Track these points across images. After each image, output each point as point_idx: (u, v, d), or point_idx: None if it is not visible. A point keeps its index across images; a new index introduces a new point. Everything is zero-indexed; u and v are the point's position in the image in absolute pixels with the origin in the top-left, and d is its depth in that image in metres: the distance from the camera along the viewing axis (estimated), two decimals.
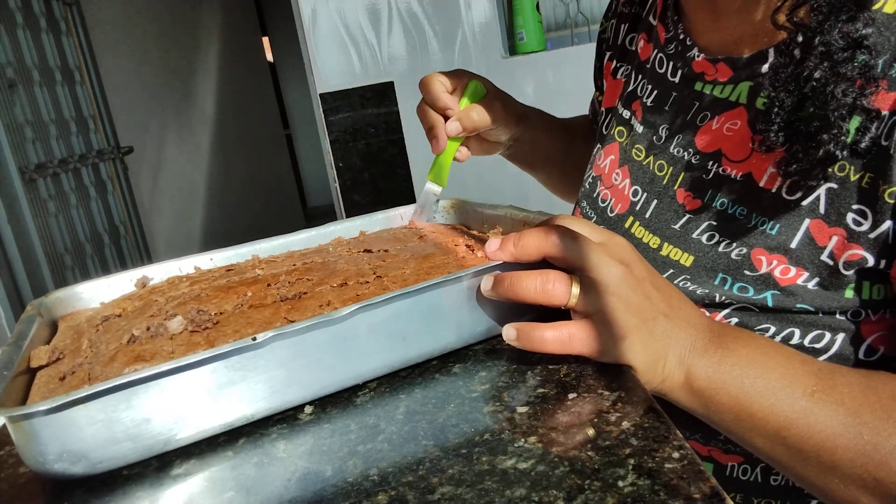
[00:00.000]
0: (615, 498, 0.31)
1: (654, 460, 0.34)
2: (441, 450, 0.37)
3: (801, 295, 0.47)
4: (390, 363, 0.45)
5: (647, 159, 0.60)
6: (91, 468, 0.38)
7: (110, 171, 3.11)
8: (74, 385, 0.42)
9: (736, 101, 0.52)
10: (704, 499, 0.31)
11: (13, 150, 2.36)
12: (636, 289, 0.42)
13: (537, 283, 0.43)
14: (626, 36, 0.69)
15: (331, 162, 2.06)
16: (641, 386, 0.42)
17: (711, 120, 0.54)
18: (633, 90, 0.64)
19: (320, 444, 0.39)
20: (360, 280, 0.50)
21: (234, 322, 0.45)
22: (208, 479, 0.38)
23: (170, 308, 0.48)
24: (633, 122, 0.63)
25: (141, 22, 3.58)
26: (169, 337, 0.44)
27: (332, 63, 1.97)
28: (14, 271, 2.34)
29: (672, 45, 0.60)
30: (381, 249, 0.58)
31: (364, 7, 1.93)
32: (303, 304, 0.47)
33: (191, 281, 0.56)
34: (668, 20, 0.61)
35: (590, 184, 0.68)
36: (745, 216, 0.50)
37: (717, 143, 0.53)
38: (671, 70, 0.59)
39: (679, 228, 0.55)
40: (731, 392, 0.42)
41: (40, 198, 2.52)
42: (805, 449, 0.41)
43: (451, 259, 0.53)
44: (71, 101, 2.83)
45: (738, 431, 0.43)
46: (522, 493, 0.32)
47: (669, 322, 0.43)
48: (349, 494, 0.34)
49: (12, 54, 2.47)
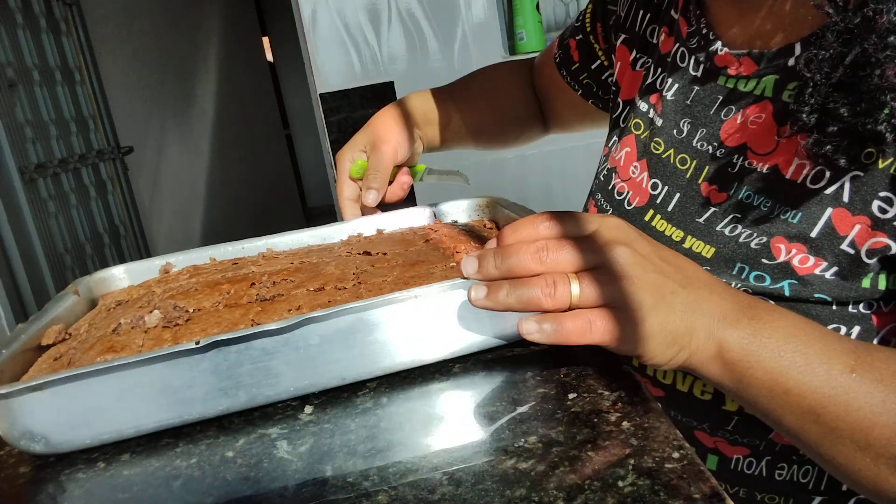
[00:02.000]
0: (615, 498, 0.31)
1: (654, 460, 0.34)
2: (441, 450, 0.37)
3: (818, 285, 0.47)
4: (344, 375, 0.44)
5: (668, 153, 0.60)
6: (51, 448, 0.41)
7: (110, 171, 3.11)
8: (57, 368, 0.45)
9: (761, 95, 0.52)
10: (704, 499, 0.31)
11: (13, 150, 2.35)
12: (644, 266, 0.40)
13: (542, 288, 0.40)
14: (647, 26, 0.67)
15: (331, 162, 2.06)
16: (642, 386, 0.42)
17: (736, 114, 0.54)
18: (653, 83, 0.64)
19: (320, 444, 0.39)
20: (337, 285, 0.51)
21: (205, 320, 0.47)
22: (208, 478, 0.38)
23: (160, 300, 0.52)
24: (651, 115, 0.63)
25: (141, 22, 3.58)
26: (144, 330, 0.47)
27: (332, 63, 1.97)
28: (14, 271, 2.34)
29: (694, 40, 0.59)
30: (381, 252, 0.59)
31: (364, 7, 1.93)
32: (273, 306, 0.48)
33: (193, 273, 0.59)
34: (691, 14, 0.60)
35: (604, 176, 0.67)
36: (769, 207, 0.49)
37: (742, 136, 0.53)
38: (693, 64, 0.59)
39: (703, 222, 0.54)
40: (766, 366, 0.40)
41: (40, 198, 2.52)
42: (839, 427, 0.39)
43: (439, 269, 0.52)
44: (71, 101, 2.83)
45: (769, 407, 0.41)
46: (522, 493, 0.33)
47: (689, 293, 0.41)
48: (349, 494, 0.34)
49: (12, 54, 2.47)
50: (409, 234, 0.65)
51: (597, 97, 0.80)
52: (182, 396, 0.42)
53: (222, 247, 0.67)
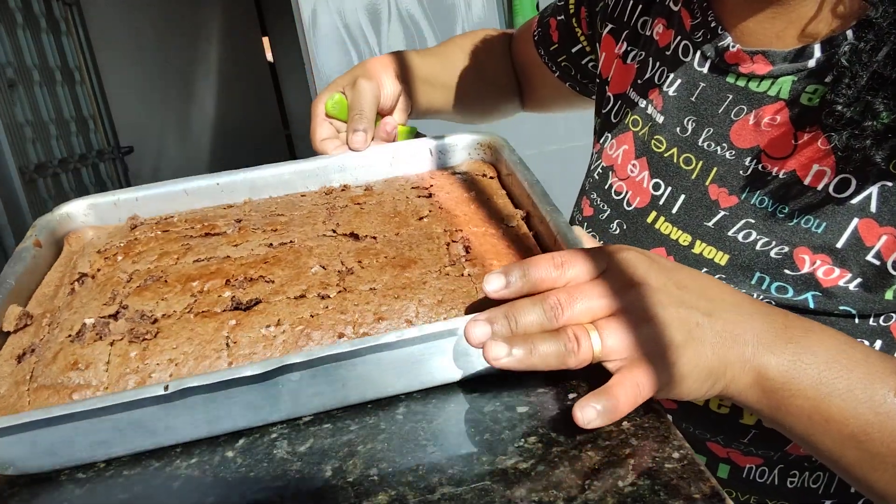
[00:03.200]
0: (615, 498, 0.31)
1: (654, 460, 0.34)
2: (441, 450, 0.37)
3: (843, 297, 0.46)
4: (326, 404, 0.42)
5: (671, 151, 0.57)
6: (21, 471, 0.40)
7: (110, 171, 3.11)
8: (20, 375, 0.44)
9: (776, 96, 0.50)
10: (704, 499, 0.31)
11: (13, 150, 2.36)
12: (664, 302, 0.37)
13: (565, 344, 0.37)
14: (638, 17, 0.64)
15: None
16: None
17: (748, 114, 0.52)
18: (651, 78, 0.61)
19: (320, 444, 0.39)
20: (320, 293, 0.47)
21: (175, 335, 0.44)
22: (208, 478, 0.38)
23: (126, 294, 0.48)
24: (650, 111, 0.60)
25: (141, 22, 3.58)
26: (109, 342, 0.44)
27: (332, 63, 1.96)
28: None
29: (699, 33, 0.56)
30: (369, 235, 0.53)
31: (364, 7, 1.93)
32: (250, 320, 0.45)
33: (161, 239, 0.54)
34: (695, 6, 0.57)
35: (599, 174, 0.65)
36: (787, 214, 0.48)
37: (755, 138, 0.51)
38: (699, 59, 0.56)
39: (712, 226, 0.52)
40: (807, 394, 0.38)
41: (40, 198, 2.52)
42: (882, 453, 0.37)
43: (432, 277, 0.48)
44: (71, 101, 2.83)
45: (807, 434, 0.39)
46: (522, 493, 0.32)
47: (716, 321, 0.38)
48: (349, 494, 0.34)
49: (12, 54, 2.47)
50: (402, 203, 0.58)
51: (575, 80, 0.77)
52: (154, 428, 0.40)
53: (195, 179, 0.61)
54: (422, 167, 0.65)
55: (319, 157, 0.64)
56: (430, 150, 0.65)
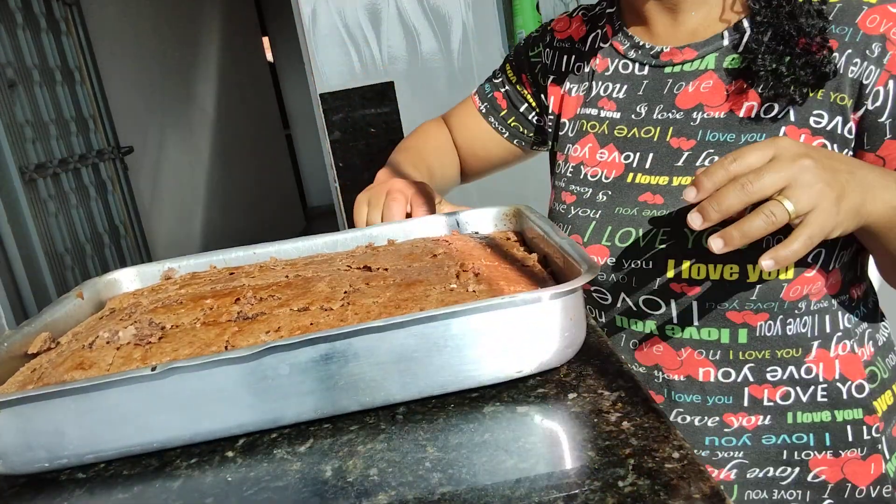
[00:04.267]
0: (615, 498, 0.31)
1: (654, 460, 0.34)
2: (441, 450, 0.37)
3: None
4: (319, 407, 0.41)
5: (632, 131, 0.71)
6: (11, 469, 0.39)
7: (110, 171, 3.11)
8: (27, 384, 0.44)
9: (704, 69, 0.67)
10: (704, 499, 0.31)
11: (13, 150, 2.35)
12: (826, 169, 0.50)
13: (763, 218, 0.49)
14: (574, 64, 0.79)
15: (331, 162, 2.06)
16: (642, 386, 0.42)
17: (686, 86, 0.68)
18: (597, 94, 0.74)
19: (320, 444, 0.40)
20: (324, 305, 0.48)
21: (178, 339, 0.45)
22: (208, 478, 0.38)
23: (143, 313, 0.50)
24: (604, 115, 0.73)
25: (141, 22, 3.58)
26: (116, 346, 0.45)
27: (332, 63, 1.96)
28: (14, 271, 2.34)
29: (632, 51, 0.72)
30: (381, 268, 0.55)
31: (364, 7, 1.93)
32: (252, 326, 0.46)
33: (188, 281, 0.58)
34: (620, 38, 0.73)
35: (572, 171, 0.75)
36: (735, 137, 0.64)
37: (696, 98, 0.67)
38: (637, 68, 0.72)
39: (682, 164, 0.66)
40: None
41: (40, 198, 2.52)
42: None
43: (436, 292, 0.49)
44: (71, 101, 2.83)
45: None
46: (522, 493, 0.33)
47: (854, 176, 0.52)
48: (349, 494, 0.34)
49: (12, 54, 2.47)
50: (419, 248, 0.61)
51: (522, 136, 0.90)
52: (142, 423, 0.39)
53: (232, 251, 0.64)
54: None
55: (348, 231, 0.68)
56: (456, 222, 0.69)
